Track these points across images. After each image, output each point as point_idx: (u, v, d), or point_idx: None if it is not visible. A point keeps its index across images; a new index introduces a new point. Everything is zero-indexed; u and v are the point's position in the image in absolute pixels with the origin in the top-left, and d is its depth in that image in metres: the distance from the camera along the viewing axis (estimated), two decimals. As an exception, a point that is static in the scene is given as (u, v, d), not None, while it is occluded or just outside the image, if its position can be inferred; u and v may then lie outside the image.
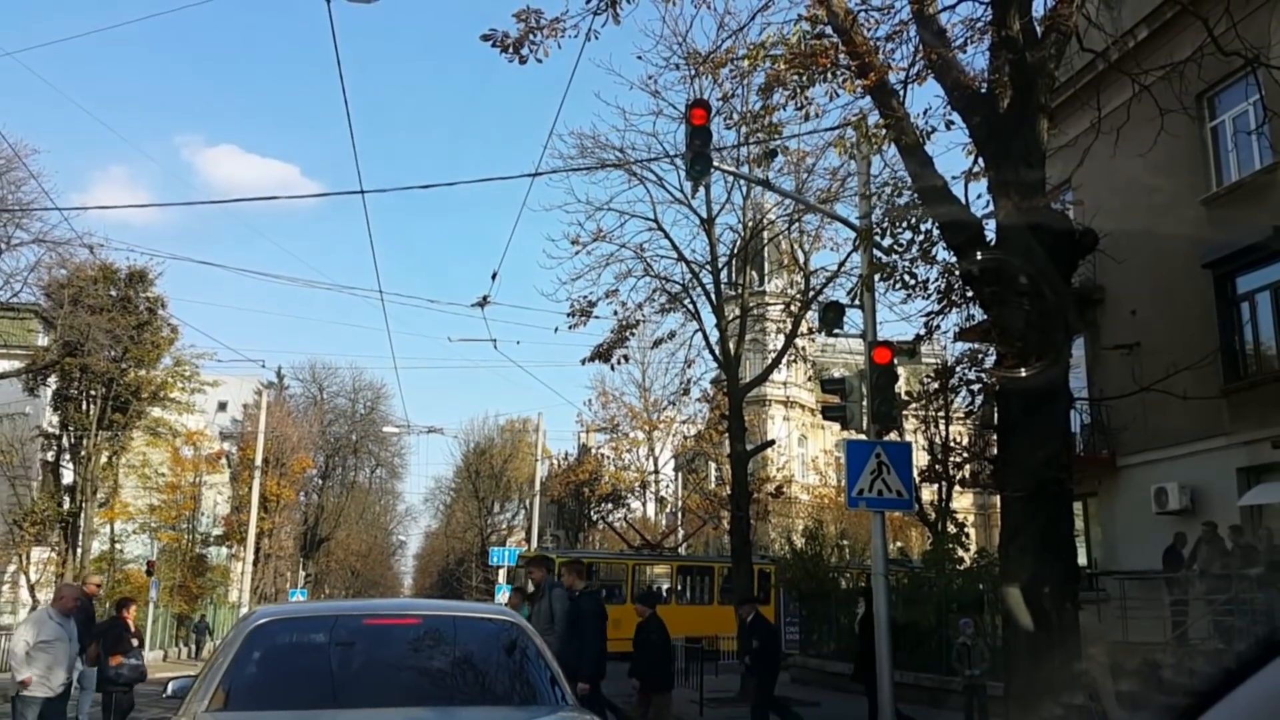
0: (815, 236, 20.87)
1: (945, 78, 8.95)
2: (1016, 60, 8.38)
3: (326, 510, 59.04)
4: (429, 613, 5.94)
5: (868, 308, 11.90)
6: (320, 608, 7.22)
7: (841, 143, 10.79)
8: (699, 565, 33.39)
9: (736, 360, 20.38)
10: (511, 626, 5.28)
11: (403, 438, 59.43)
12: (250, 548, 38.54)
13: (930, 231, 9.98)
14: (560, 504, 48.48)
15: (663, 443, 44.04)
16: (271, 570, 47.77)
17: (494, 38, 9.41)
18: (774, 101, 9.96)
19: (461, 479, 65.16)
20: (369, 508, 67.10)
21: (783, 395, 51.42)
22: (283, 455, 45.83)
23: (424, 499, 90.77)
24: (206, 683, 4.56)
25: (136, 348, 32.56)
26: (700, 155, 10.17)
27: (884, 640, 10.79)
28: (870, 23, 9.69)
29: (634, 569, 30.58)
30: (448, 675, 5.03)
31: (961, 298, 10.85)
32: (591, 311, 19.49)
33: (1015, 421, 8.29)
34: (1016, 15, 8.39)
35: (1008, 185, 8.28)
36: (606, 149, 20.00)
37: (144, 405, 34.18)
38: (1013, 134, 8.45)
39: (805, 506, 43.55)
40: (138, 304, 32.84)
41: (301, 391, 59.17)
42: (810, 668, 21.51)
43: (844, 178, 17.96)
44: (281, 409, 49.25)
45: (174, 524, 41.57)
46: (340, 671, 4.88)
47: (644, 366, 41.59)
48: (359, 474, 63.89)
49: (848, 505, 12.82)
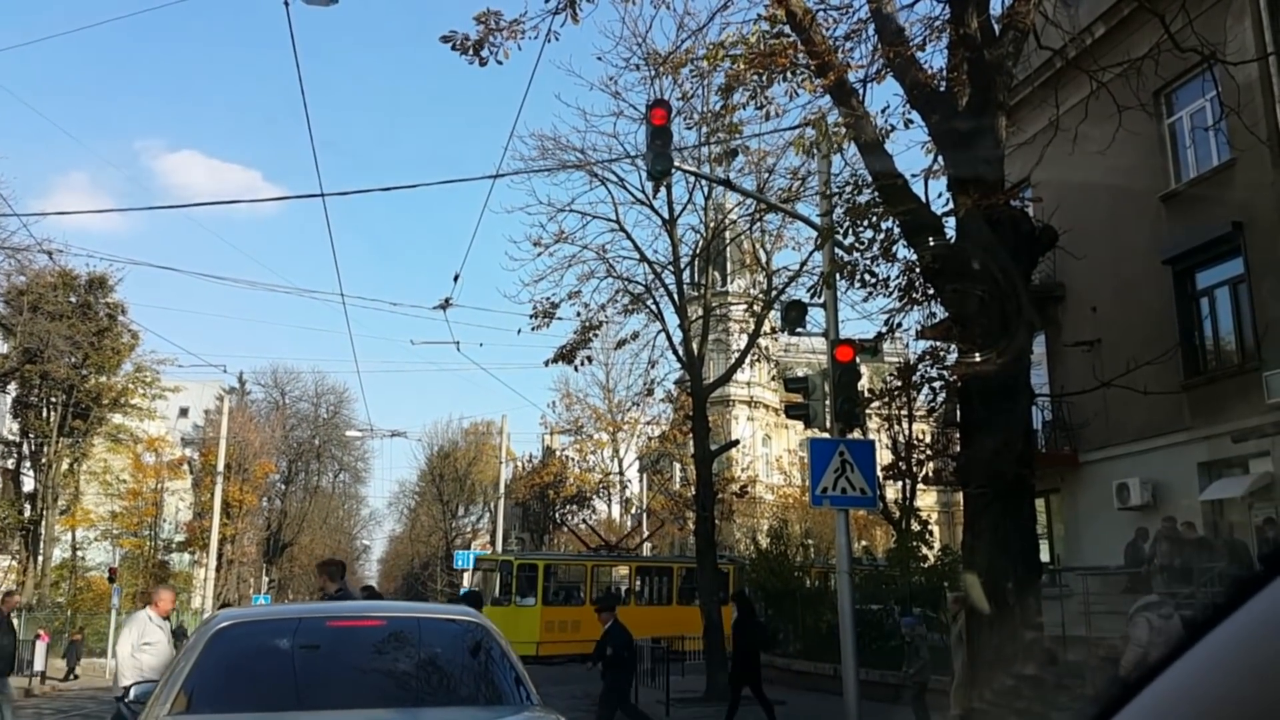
0: (777, 236, 20.95)
1: (904, 76, 8.99)
2: (974, 58, 8.44)
3: (289, 516, 58.48)
4: (393, 614, 5.89)
5: (830, 306, 11.95)
6: (283, 610, 7.13)
7: (801, 142, 10.82)
8: (658, 566, 33.48)
9: (700, 360, 20.40)
10: (476, 627, 5.24)
11: (366, 442, 59.08)
12: (213, 554, 38.12)
13: (891, 229, 10.03)
14: (525, 506, 48.36)
15: (627, 444, 44.07)
16: (235, 576, 47.30)
17: (454, 40, 9.36)
18: (734, 101, 9.98)
19: (425, 482, 64.85)
20: (332, 512, 66.58)
21: (746, 395, 51.59)
22: (245, 461, 45.43)
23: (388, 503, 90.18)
24: (169, 687, 4.51)
25: (97, 354, 32.15)
26: (661, 155, 10.17)
27: (849, 638, 10.83)
28: (829, 22, 9.73)
29: (593, 570, 30.65)
30: (412, 677, 4.99)
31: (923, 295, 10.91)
32: (554, 313, 19.46)
33: (977, 419, 8.35)
34: (974, 13, 8.45)
35: (967, 183, 8.33)
36: (567, 150, 19.99)
37: (105, 412, 33.78)
38: (971, 132, 8.50)
39: (770, 506, 43.72)
40: (98, 310, 32.45)
41: (263, 396, 58.69)
42: (776, 666, 21.56)
43: (805, 177, 18.04)
44: (243, 414, 48.79)
45: (136, 530, 41.10)
46: (304, 674, 4.83)
47: (607, 368, 41.63)
48: (322, 479, 63.41)
49: (811, 504, 12.87)
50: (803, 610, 22.08)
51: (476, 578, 31.52)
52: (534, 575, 29.17)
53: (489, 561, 31.70)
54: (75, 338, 30.26)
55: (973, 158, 8.42)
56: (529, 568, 29.57)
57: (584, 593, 29.24)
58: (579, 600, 28.55)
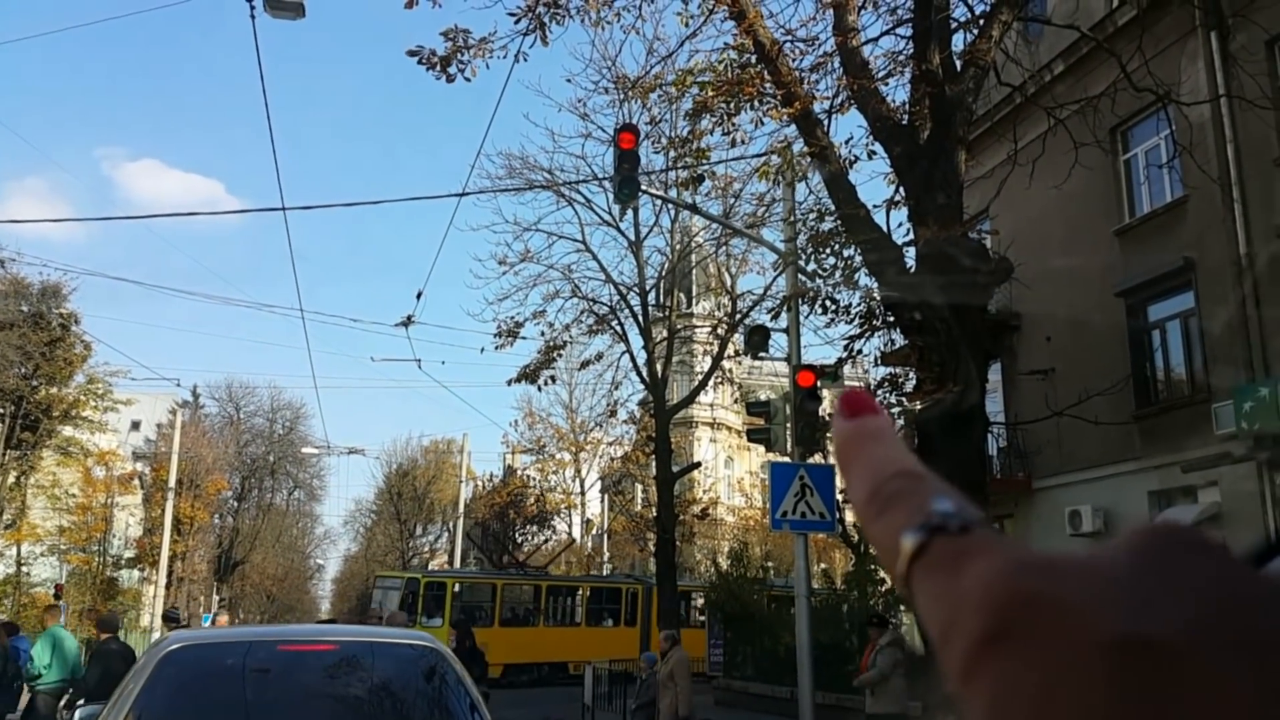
0: (742, 260, 21.12)
1: (867, 109, 9.14)
2: (936, 93, 8.60)
3: (242, 533, 57.62)
4: (346, 638, 5.83)
5: (792, 331, 12.05)
6: (234, 633, 7.03)
7: (767, 169, 10.95)
8: (566, 585, 32.29)
9: (664, 382, 20.46)
10: (430, 652, 5.21)
11: (322, 459, 58.42)
12: (163, 571, 37.51)
13: (852, 258, 10.16)
14: (485, 526, 48.06)
15: (589, 464, 43.97)
16: (185, 594, 46.50)
17: (421, 55, 9.38)
18: (702, 127, 10.10)
19: (383, 501, 64.19)
20: (286, 530, 65.67)
21: (709, 417, 51.69)
22: (197, 476, 44.77)
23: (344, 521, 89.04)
24: (116, 710, 4.43)
25: (48, 365, 31.62)
26: (628, 179, 10.23)
27: (805, 662, 10.87)
28: (795, 53, 9.88)
29: (502, 589, 29.04)
30: (365, 702, 4.94)
31: (883, 322, 11.05)
32: (519, 332, 19.46)
33: (934, 445, 8.45)
34: (936, 50, 8.61)
35: (927, 214, 8.46)
36: (535, 170, 20.08)
37: (55, 424, 33.19)
38: (932, 164, 8.65)
39: (731, 528, 43.75)
40: (50, 320, 31.91)
41: (217, 411, 57.83)
42: (734, 689, 21.56)
43: (770, 203, 18.22)
44: (196, 429, 48.12)
45: (84, 546, 40.30)
46: (255, 698, 4.77)
47: (571, 388, 41.47)
48: (276, 496, 62.55)
49: (771, 527, 12.92)
50: (761, 633, 22.09)
51: (377, 597, 28.84)
52: (442, 594, 27.35)
53: (392, 579, 29.58)
54: (26, 348, 29.77)
55: (933, 189, 8.56)
56: (437, 586, 27.74)
57: (492, 613, 27.91)
58: (486, 620, 27.18)
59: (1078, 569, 0.34)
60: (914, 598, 0.37)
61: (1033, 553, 0.35)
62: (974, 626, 0.33)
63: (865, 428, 0.43)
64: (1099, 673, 0.30)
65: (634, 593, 30.37)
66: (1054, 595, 0.32)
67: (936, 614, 0.35)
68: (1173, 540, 0.34)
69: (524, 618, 28.54)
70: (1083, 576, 0.33)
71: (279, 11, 12.18)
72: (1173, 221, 16.22)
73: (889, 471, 0.41)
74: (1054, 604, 0.32)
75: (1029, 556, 0.34)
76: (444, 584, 28.17)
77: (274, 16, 12.33)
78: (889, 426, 0.44)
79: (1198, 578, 0.33)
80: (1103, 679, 0.30)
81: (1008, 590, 0.33)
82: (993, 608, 0.33)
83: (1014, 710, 0.31)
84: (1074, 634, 0.31)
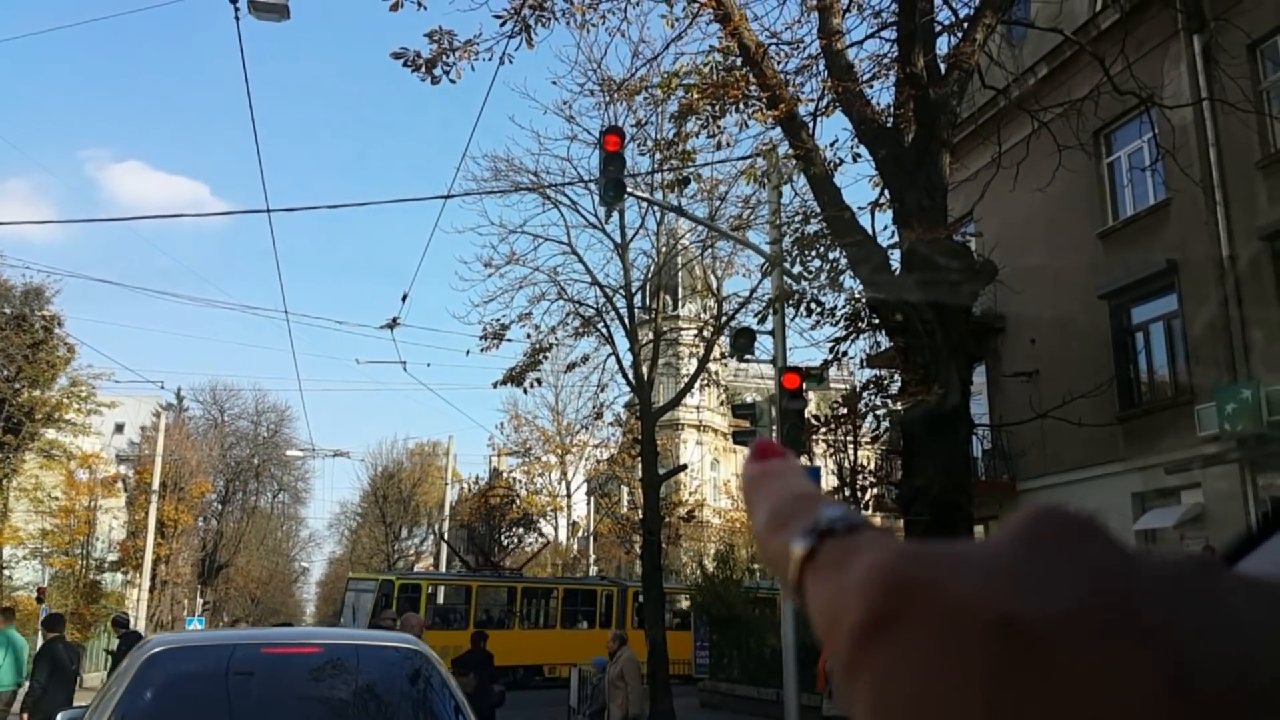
0: (728, 263, 21.14)
1: (852, 111, 9.17)
2: (920, 96, 8.63)
3: (226, 536, 57.37)
4: (330, 641, 5.81)
5: (778, 334, 12.08)
6: (218, 636, 7.00)
7: (753, 171, 10.98)
8: (542, 587, 32.17)
9: (650, 384, 20.45)
10: (415, 655, 5.19)
11: (307, 461, 58.28)
12: (146, 574, 37.31)
13: (838, 260, 10.19)
14: (470, 528, 47.96)
15: (575, 467, 43.96)
16: (168, 597, 46.24)
17: (405, 57, 9.36)
18: (687, 129, 10.11)
19: (368, 503, 63.98)
20: (270, 533, 65.42)
21: (696, 419, 51.72)
22: (181, 479, 44.54)
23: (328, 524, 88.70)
24: (98, 714, 4.40)
25: (31, 367, 31.44)
26: (614, 181, 10.24)
27: (791, 664, 10.89)
28: (780, 56, 9.90)
29: (477, 591, 28.89)
30: (349, 705, 4.93)
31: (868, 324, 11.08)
32: (504, 335, 19.41)
33: (919, 447, 8.48)
34: (921, 53, 8.65)
35: (911, 216, 8.49)
36: (521, 172, 20.04)
37: (38, 426, 32.97)
38: (916, 167, 8.68)
39: (717, 530, 43.77)
40: (33, 322, 31.73)
41: (201, 414, 57.58)
42: (720, 691, 21.58)
43: (755, 205, 18.23)
44: (180, 431, 47.87)
45: (67, 549, 40.02)
46: (238, 702, 4.75)
47: (557, 390, 41.50)
48: (261, 499, 62.31)
49: (756, 529, 12.92)
50: (747, 635, 22.12)
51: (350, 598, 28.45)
52: (416, 597, 26.93)
53: (365, 581, 29.10)
54: (9, 350, 29.61)
55: (918, 192, 8.59)
56: (411, 588, 27.40)
57: (467, 615, 27.61)
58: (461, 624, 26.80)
59: (961, 555, 0.33)
60: (806, 604, 0.37)
61: (920, 544, 0.35)
62: (856, 615, 0.33)
63: (771, 467, 0.45)
64: (977, 654, 0.29)
65: (609, 595, 30.33)
66: (934, 579, 0.32)
67: (823, 612, 0.35)
68: (1059, 525, 0.34)
69: (499, 620, 28.39)
70: (966, 562, 0.33)
71: (263, 13, 12.15)
72: (1156, 224, 16.32)
73: (788, 496, 0.42)
74: (934, 588, 0.31)
75: (914, 547, 0.34)
76: (418, 586, 27.99)
77: (258, 18, 12.30)
78: (795, 466, 0.45)
79: (1082, 562, 0.32)
80: (980, 660, 0.29)
81: (888, 577, 0.32)
82: (873, 595, 0.32)
83: (895, 696, 0.31)
84: (953, 617, 0.30)
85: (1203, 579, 0.32)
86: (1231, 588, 0.32)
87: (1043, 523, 0.34)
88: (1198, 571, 0.33)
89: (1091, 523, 0.34)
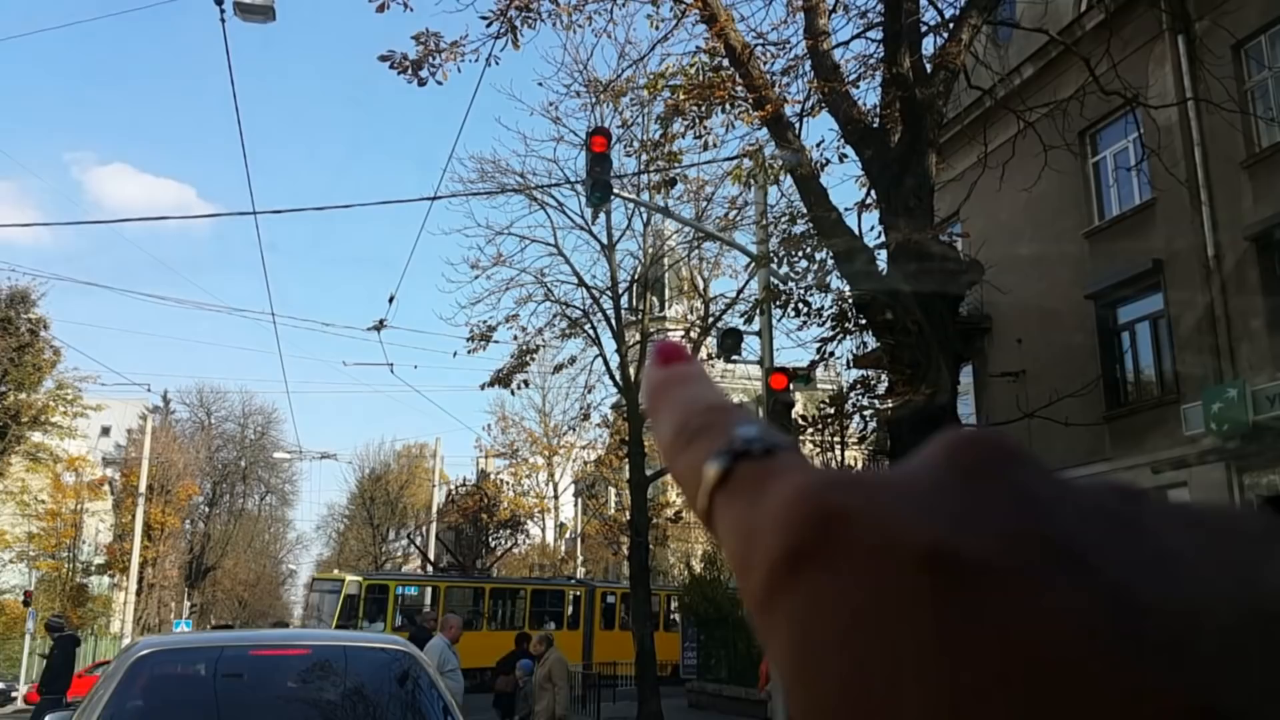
0: (715, 263, 21.18)
1: (839, 112, 9.19)
2: (907, 97, 8.66)
3: (213, 538, 57.16)
4: (318, 642, 5.80)
5: (765, 334, 12.09)
6: (206, 638, 6.98)
7: (739, 172, 10.98)
8: (509, 588, 32.06)
9: (637, 386, 20.44)
10: (403, 656, 5.18)
11: (294, 464, 58.04)
12: (133, 577, 37.14)
13: (824, 260, 10.21)
14: (458, 530, 47.89)
15: (563, 468, 43.90)
16: (155, 600, 46.08)
17: (392, 59, 9.35)
18: (673, 130, 10.12)
19: (356, 505, 63.78)
20: (258, 536, 65.21)
21: (683, 420, 51.66)
22: (168, 482, 44.40)
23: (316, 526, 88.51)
24: (86, 715, 4.38)
25: (17, 370, 31.30)
26: (600, 182, 10.24)
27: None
28: (767, 57, 9.93)
29: (446, 591, 28.62)
30: (338, 706, 4.92)
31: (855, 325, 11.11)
32: (491, 336, 19.41)
33: (905, 447, 8.49)
34: (907, 53, 8.67)
35: (898, 216, 8.52)
36: (507, 174, 20.04)
37: (24, 430, 32.82)
38: (903, 167, 8.71)
39: (704, 532, 43.72)
40: (19, 325, 31.60)
41: (188, 416, 57.39)
42: (708, 692, 21.60)
43: (742, 206, 18.26)
44: (167, 434, 47.69)
45: (54, 552, 39.90)
46: (226, 703, 4.74)
47: (544, 392, 41.44)
48: (248, 501, 62.14)
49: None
50: (734, 636, 22.13)
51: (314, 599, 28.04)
52: (384, 598, 26.80)
53: (330, 581, 28.51)
54: (-6, 353, 29.46)
55: (904, 193, 8.62)
56: (379, 589, 27.15)
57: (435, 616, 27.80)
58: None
59: (884, 483, 0.31)
60: (716, 532, 0.34)
61: (840, 470, 0.32)
62: (773, 547, 0.30)
63: (676, 372, 0.41)
64: (914, 589, 0.27)
65: (577, 595, 30.26)
66: (861, 508, 0.29)
67: (736, 542, 0.32)
68: (980, 450, 0.32)
69: (467, 621, 28.38)
70: (893, 490, 0.30)
71: (249, 15, 12.12)
72: (1142, 224, 16.38)
73: (697, 408, 0.38)
74: (860, 518, 0.29)
75: (834, 473, 0.31)
76: (386, 586, 27.72)
77: (244, 20, 12.27)
78: (701, 371, 0.41)
79: (1010, 491, 0.30)
80: (918, 595, 0.27)
81: (810, 506, 0.30)
82: (794, 525, 0.29)
83: (820, 633, 0.28)
84: (882, 549, 0.28)
85: (1132, 506, 0.31)
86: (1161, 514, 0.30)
87: (963, 448, 0.32)
88: (1127, 500, 0.31)
89: (1012, 447, 0.32)
